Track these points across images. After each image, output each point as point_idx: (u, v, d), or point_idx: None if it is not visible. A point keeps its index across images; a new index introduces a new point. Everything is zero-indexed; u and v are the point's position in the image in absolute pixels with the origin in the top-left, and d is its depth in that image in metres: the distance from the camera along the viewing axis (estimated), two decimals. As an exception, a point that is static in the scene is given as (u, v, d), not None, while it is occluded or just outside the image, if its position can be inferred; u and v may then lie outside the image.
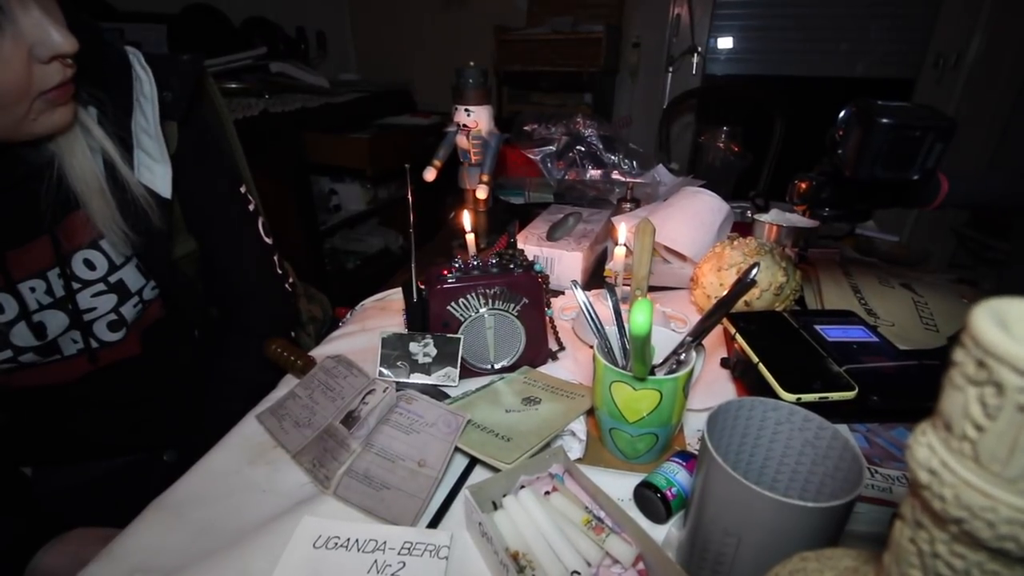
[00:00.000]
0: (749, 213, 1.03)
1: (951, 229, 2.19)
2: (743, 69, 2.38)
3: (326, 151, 1.97)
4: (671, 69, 2.37)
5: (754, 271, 0.45)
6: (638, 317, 0.38)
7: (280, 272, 0.81)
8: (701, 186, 1.02)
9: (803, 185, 0.52)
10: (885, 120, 0.40)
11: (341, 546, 0.43)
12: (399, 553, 0.42)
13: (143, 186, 0.61)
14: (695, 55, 2.32)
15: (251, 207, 0.76)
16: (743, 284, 0.44)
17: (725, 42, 2.36)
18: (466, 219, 0.75)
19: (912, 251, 1.04)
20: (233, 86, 1.73)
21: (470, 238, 0.75)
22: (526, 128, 1.34)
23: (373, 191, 2.40)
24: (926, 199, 0.48)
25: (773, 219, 0.94)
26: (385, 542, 0.43)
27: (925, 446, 0.19)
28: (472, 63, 0.91)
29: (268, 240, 0.79)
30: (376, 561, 0.42)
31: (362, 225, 2.57)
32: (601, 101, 2.34)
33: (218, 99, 0.78)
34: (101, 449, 0.70)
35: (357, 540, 0.43)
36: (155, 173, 0.62)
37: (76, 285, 0.60)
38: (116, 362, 0.66)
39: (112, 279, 0.62)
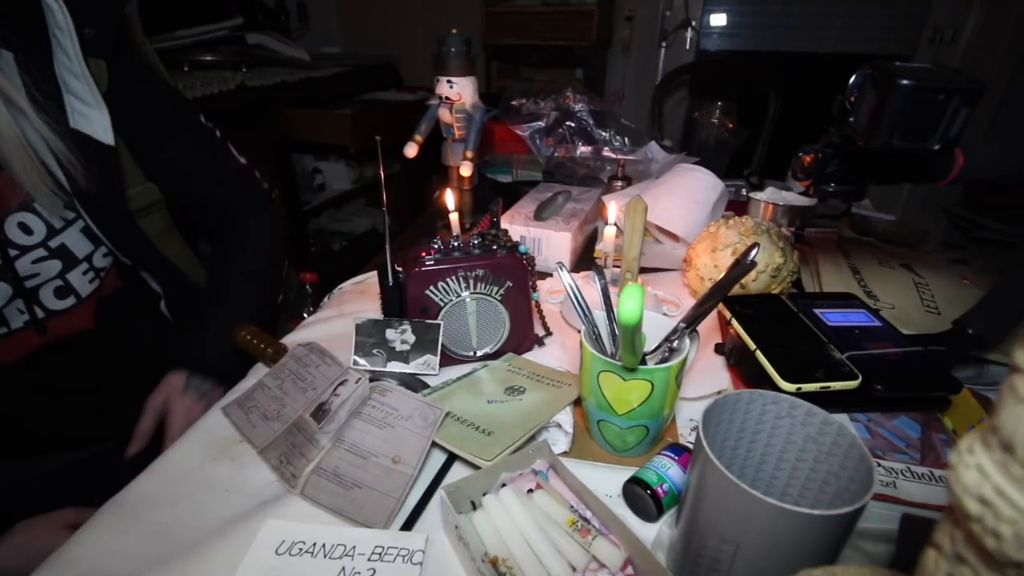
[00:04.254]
0: (744, 191, 0.99)
1: (942, 208, 2.18)
2: (737, 45, 2.32)
3: (307, 127, 1.89)
4: (664, 44, 2.31)
5: (754, 252, 0.41)
6: (628, 304, 0.34)
7: (265, 187, 0.78)
8: (695, 163, 0.99)
9: (808, 158, 0.48)
10: (905, 82, 0.36)
11: (307, 552, 0.40)
12: (369, 559, 0.39)
13: (81, 135, 0.55)
14: (689, 30, 2.25)
15: (217, 134, 0.73)
16: (742, 266, 0.41)
17: (719, 17, 2.29)
18: (449, 198, 0.70)
19: (908, 230, 1.02)
20: (208, 58, 1.65)
21: (454, 218, 0.71)
22: (514, 103, 1.29)
23: (359, 169, 2.33)
24: (940, 173, 0.45)
25: (768, 197, 0.91)
26: (354, 547, 0.40)
27: (974, 468, 0.15)
28: (455, 30, 0.85)
29: (243, 160, 0.76)
30: (344, 568, 0.39)
31: (348, 205, 2.50)
32: (593, 76, 2.27)
33: (153, 58, 0.73)
34: (57, 441, 0.65)
35: (324, 545, 0.40)
36: (91, 118, 0.56)
37: (13, 252, 0.55)
38: (68, 336, 0.61)
39: (53, 244, 0.57)
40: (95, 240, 0.61)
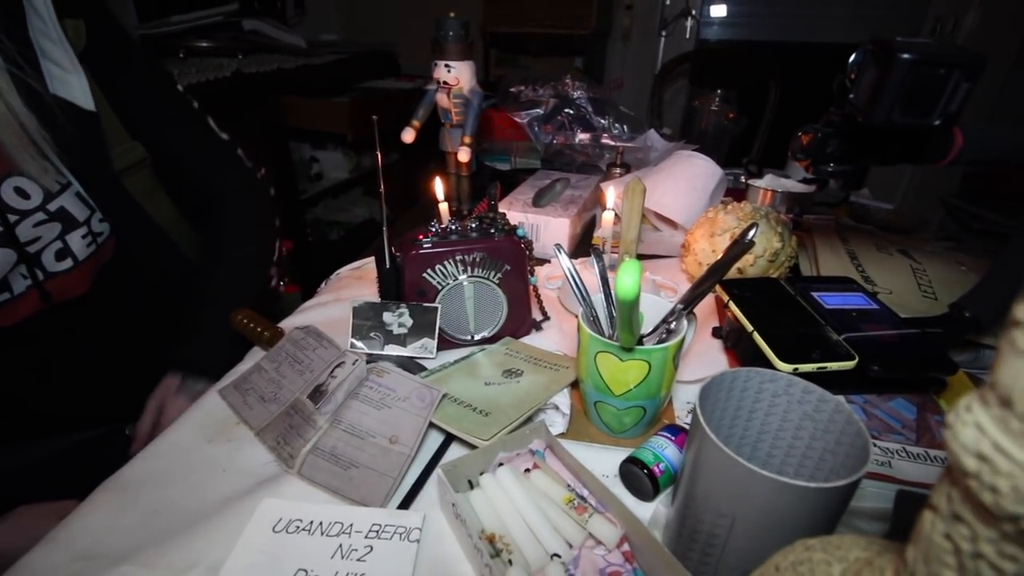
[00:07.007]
0: (743, 179, 0.99)
1: (939, 199, 2.17)
2: (737, 34, 2.31)
3: (304, 115, 1.87)
4: (664, 33, 2.29)
5: (752, 231, 0.41)
6: (625, 280, 0.34)
7: (249, 165, 0.79)
8: (694, 151, 0.98)
9: (806, 138, 0.48)
10: (906, 55, 0.35)
11: (303, 529, 0.40)
12: (366, 536, 0.39)
13: (62, 101, 0.54)
14: (689, 19, 2.24)
15: (195, 104, 0.73)
16: (741, 246, 0.41)
17: (719, 7, 2.28)
18: (438, 186, 0.69)
19: (907, 219, 1.02)
20: (203, 44, 1.63)
21: (443, 207, 0.69)
22: (512, 90, 1.28)
23: (356, 158, 2.32)
24: (940, 153, 0.44)
25: (767, 184, 0.91)
26: (352, 525, 0.40)
27: (972, 426, 0.15)
28: (453, 14, 0.85)
29: (224, 136, 0.76)
30: (341, 545, 0.39)
31: (345, 195, 2.49)
32: (592, 65, 2.26)
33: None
34: (57, 423, 0.65)
35: (321, 523, 0.40)
36: (70, 84, 0.56)
37: (13, 217, 0.54)
38: (65, 302, 0.61)
39: (51, 207, 0.57)
40: (90, 205, 0.60)
